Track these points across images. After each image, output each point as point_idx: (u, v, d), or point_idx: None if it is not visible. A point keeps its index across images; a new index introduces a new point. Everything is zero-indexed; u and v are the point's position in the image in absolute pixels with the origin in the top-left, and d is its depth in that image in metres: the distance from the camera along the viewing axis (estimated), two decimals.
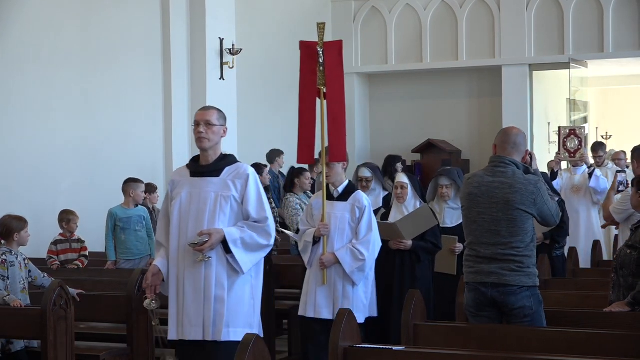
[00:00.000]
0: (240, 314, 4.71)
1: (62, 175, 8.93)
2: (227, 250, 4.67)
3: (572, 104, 13.95)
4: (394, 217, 6.79)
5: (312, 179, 9.08)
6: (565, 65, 13.28)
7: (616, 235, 7.62)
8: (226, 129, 5.13)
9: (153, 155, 10.30)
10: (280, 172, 10.98)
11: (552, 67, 13.73)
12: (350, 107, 14.67)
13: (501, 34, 13.68)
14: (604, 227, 8.65)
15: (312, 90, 6.14)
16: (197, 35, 10.66)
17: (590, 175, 9.24)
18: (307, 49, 6.16)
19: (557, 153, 9.39)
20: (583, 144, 9.06)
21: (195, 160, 5.07)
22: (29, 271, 6.08)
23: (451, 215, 7.07)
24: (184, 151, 10.53)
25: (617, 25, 13.15)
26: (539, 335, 4.58)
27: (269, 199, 8.84)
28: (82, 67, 9.34)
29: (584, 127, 8.97)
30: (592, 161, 9.79)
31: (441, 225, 6.96)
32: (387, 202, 7.36)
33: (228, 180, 4.85)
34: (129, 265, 7.99)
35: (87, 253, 7.89)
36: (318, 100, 6.16)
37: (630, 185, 7.61)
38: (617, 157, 10.69)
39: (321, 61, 6.06)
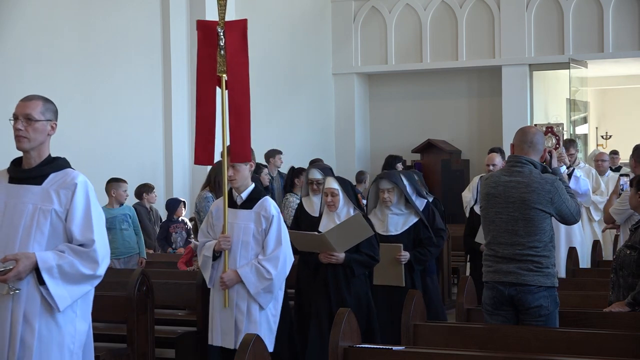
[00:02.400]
0: None
1: None
2: (41, 280, 3.69)
3: (572, 104, 13.95)
4: (325, 226, 6.00)
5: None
6: (565, 65, 13.29)
7: (616, 235, 7.61)
8: (55, 124, 3.94)
9: (153, 155, 10.30)
10: (279, 172, 10.97)
11: (552, 67, 13.74)
12: (350, 107, 14.72)
13: (501, 34, 13.69)
14: (604, 230, 8.61)
15: (211, 78, 5.27)
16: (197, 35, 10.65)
17: (570, 176, 8.43)
18: (205, 30, 5.34)
19: None
20: (561, 143, 8.46)
21: (16, 163, 3.98)
22: None
23: (395, 222, 6.50)
24: (184, 151, 10.53)
25: (617, 25, 13.15)
26: (539, 335, 4.59)
27: None
28: (82, 67, 9.34)
29: (562, 124, 8.45)
30: (569, 161, 8.91)
31: (385, 234, 6.40)
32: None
33: (51, 189, 3.82)
34: (118, 264, 8.03)
35: None
36: (219, 90, 5.30)
37: (625, 185, 7.61)
38: (600, 158, 10.06)
39: (222, 44, 5.25)
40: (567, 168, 8.39)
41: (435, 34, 14.15)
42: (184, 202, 9.28)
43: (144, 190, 9.13)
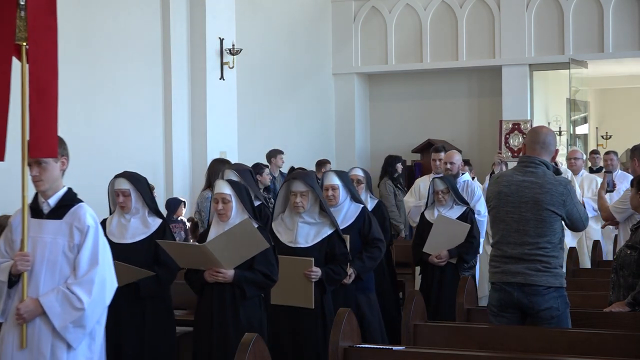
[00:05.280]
0: None
1: None
2: None
3: (572, 104, 13.96)
4: (213, 236, 5.14)
5: (318, 179, 8.69)
6: (565, 65, 13.29)
7: (616, 235, 7.60)
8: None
9: (153, 155, 10.29)
10: (281, 172, 10.97)
11: (552, 67, 13.74)
12: (350, 107, 14.71)
13: (501, 34, 13.68)
14: (603, 227, 8.59)
15: (7, 46, 4.18)
16: (197, 35, 10.66)
17: None
18: None
19: (498, 152, 7.99)
20: None
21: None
22: None
23: (306, 233, 5.49)
24: (184, 151, 10.53)
25: (617, 25, 13.14)
26: (539, 335, 4.59)
27: (268, 199, 8.85)
28: (82, 67, 9.33)
29: (530, 121, 7.83)
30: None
31: (292, 245, 5.46)
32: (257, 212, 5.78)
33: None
34: None
35: None
36: (18, 64, 4.29)
37: (613, 186, 7.58)
38: (572, 156, 9.58)
39: (22, 3, 4.06)
40: None
41: (435, 34, 14.15)
42: (184, 202, 9.28)
43: None
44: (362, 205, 6.19)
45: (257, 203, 6.28)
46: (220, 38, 10.79)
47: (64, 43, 9.10)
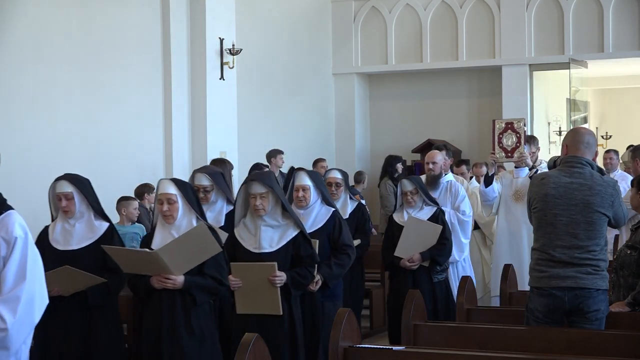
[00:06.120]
0: None
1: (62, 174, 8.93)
2: None
3: (572, 104, 13.96)
4: (159, 241, 4.87)
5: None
6: (565, 65, 13.29)
7: (616, 235, 7.58)
8: None
9: (153, 156, 10.29)
10: (281, 172, 10.97)
11: (552, 67, 13.73)
12: (350, 107, 14.72)
13: (501, 34, 13.68)
14: None
15: None
16: (197, 35, 10.66)
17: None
18: None
19: (491, 152, 7.58)
20: (522, 141, 7.38)
21: None
22: None
23: (270, 236, 5.21)
24: (183, 151, 10.53)
25: (617, 25, 13.15)
26: (539, 335, 4.59)
27: None
28: (81, 67, 9.33)
29: (523, 119, 7.47)
30: (532, 162, 7.69)
31: (257, 251, 5.19)
32: (231, 219, 5.59)
33: None
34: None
35: None
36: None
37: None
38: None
39: None
40: (530, 169, 7.42)
41: (435, 34, 14.15)
42: None
43: (144, 190, 9.11)
44: (333, 209, 5.88)
45: (231, 207, 5.95)
46: (220, 38, 10.79)
47: (64, 43, 9.14)
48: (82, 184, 5.17)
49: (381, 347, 4.23)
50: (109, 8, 9.72)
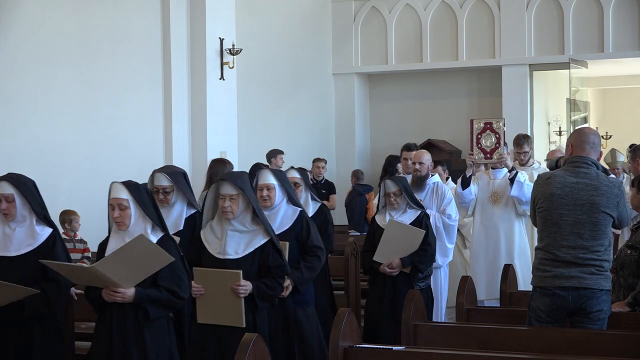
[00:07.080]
0: None
1: (62, 174, 8.93)
2: None
3: (572, 104, 13.95)
4: (113, 249, 4.47)
5: (317, 176, 8.46)
6: (565, 65, 13.29)
7: (616, 235, 7.59)
8: None
9: (153, 156, 10.29)
10: None
11: (552, 67, 13.73)
12: (350, 107, 14.72)
13: (501, 34, 13.68)
14: None
15: None
16: (197, 35, 10.65)
17: (512, 181, 7.19)
18: None
19: (469, 153, 7.32)
20: (502, 142, 7.16)
21: None
22: None
23: (237, 242, 4.82)
24: (184, 151, 10.53)
25: (617, 25, 13.14)
26: (539, 335, 4.58)
27: None
28: (81, 67, 9.33)
29: (503, 119, 7.27)
30: (511, 163, 7.49)
31: (221, 257, 4.80)
32: (190, 224, 5.41)
33: None
34: None
35: (89, 254, 7.85)
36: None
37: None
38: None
39: None
40: (510, 171, 7.24)
41: (435, 34, 14.15)
42: None
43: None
44: (300, 209, 5.57)
45: (192, 211, 5.69)
46: (220, 38, 10.79)
47: (64, 43, 9.14)
48: (25, 186, 4.76)
49: (381, 347, 4.23)
50: (109, 8, 9.72)
